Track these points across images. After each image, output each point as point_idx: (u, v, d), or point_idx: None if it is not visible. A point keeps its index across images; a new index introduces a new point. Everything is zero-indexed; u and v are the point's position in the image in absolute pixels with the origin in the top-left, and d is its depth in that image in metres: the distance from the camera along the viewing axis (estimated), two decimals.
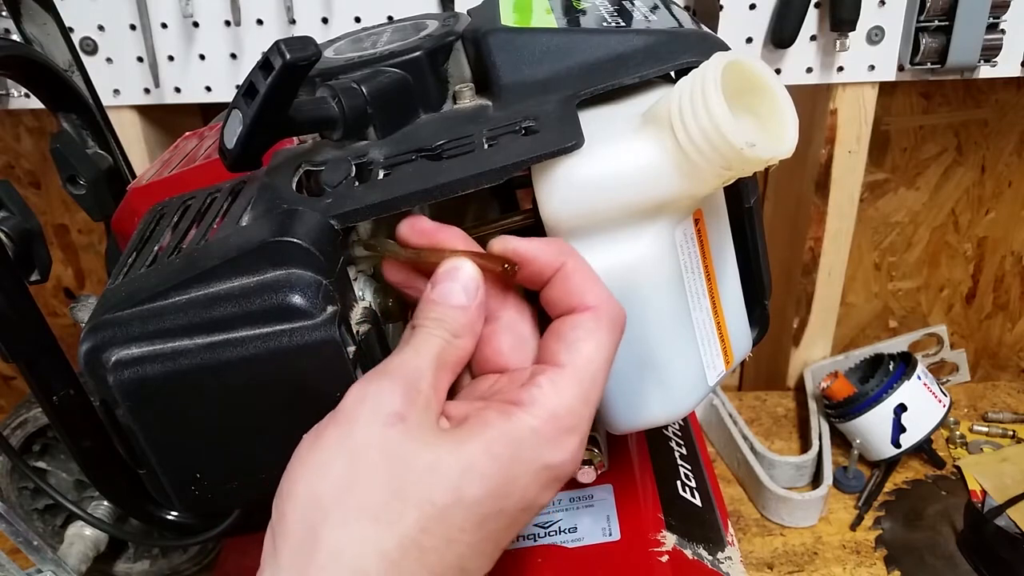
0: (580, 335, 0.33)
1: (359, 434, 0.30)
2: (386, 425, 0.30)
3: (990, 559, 0.68)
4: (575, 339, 0.33)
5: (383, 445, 0.30)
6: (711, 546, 0.57)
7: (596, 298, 0.34)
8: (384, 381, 0.31)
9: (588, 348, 0.33)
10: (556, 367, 0.33)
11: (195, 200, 0.43)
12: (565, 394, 0.32)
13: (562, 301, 0.34)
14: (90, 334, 0.34)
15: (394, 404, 0.30)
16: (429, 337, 0.33)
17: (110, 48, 0.79)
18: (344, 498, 0.29)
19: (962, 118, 0.91)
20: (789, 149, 0.34)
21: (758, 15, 0.77)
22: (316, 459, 0.30)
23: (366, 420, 0.30)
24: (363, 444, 0.30)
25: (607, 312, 0.34)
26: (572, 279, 0.34)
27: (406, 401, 0.30)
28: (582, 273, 0.34)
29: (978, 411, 0.91)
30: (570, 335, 0.33)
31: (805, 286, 0.92)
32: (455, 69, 0.44)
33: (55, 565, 0.53)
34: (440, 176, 0.36)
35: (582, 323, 0.33)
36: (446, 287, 0.34)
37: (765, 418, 0.92)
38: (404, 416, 0.30)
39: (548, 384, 0.32)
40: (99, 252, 0.99)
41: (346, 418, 0.31)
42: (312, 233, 0.34)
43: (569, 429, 0.32)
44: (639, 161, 0.36)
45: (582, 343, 0.33)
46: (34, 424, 0.61)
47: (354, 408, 0.31)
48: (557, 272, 0.34)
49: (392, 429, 0.30)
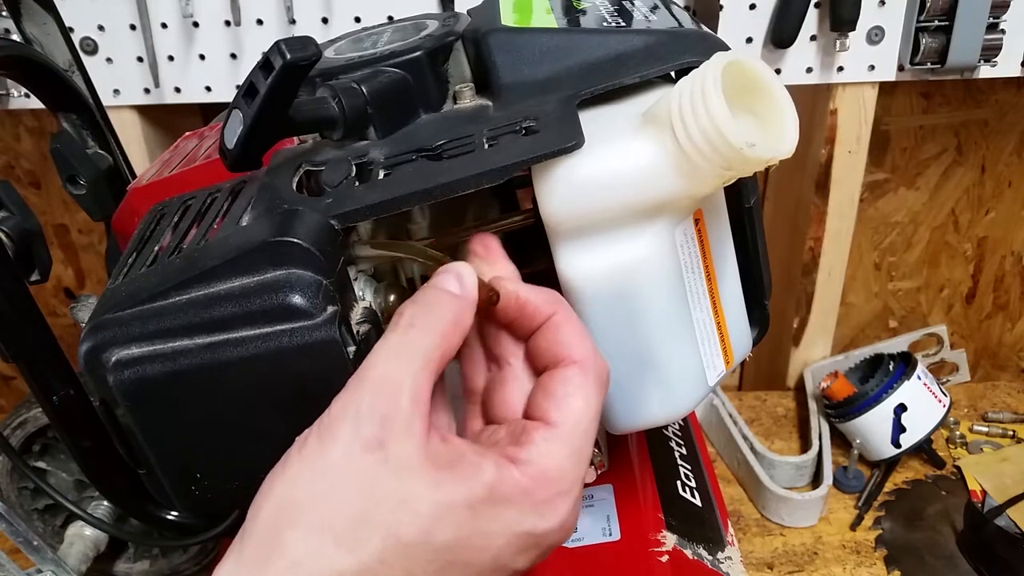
0: (569, 391, 0.33)
1: (337, 452, 0.29)
2: (364, 450, 0.29)
3: (990, 559, 0.68)
4: (564, 395, 0.33)
5: (359, 469, 0.29)
6: (711, 546, 0.57)
7: (583, 352, 0.34)
8: (365, 395, 0.30)
9: (578, 405, 0.33)
10: (548, 425, 0.32)
11: (195, 200, 0.43)
12: (558, 455, 0.31)
13: (549, 351, 0.34)
14: (90, 334, 0.34)
15: (373, 427, 0.29)
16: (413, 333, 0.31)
17: (110, 48, 0.79)
18: (314, 511, 0.29)
19: (962, 118, 0.91)
20: (789, 149, 0.34)
21: (758, 15, 0.77)
22: (296, 466, 0.30)
23: (346, 440, 0.29)
24: (340, 464, 0.29)
25: (593, 367, 0.34)
26: (562, 330, 0.34)
27: (385, 425, 0.29)
28: (571, 325, 0.34)
29: (978, 411, 0.91)
30: (559, 391, 0.33)
31: (805, 286, 0.92)
32: (455, 69, 0.44)
33: (55, 565, 0.53)
34: (440, 176, 0.36)
35: (570, 378, 0.33)
36: (440, 277, 0.34)
37: (765, 418, 0.92)
38: (383, 442, 0.29)
39: (543, 443, 0.31)
40: (99, 252, 0.99)
41: (328, 433, 0.30)
42: (312, 233, 0.34)
43: (562, 493, 0.31)
44: (639, 161, 0.36)
45: (571, 399, 0.33)
46: (34, 424, 0.61)
47: (336, 424, 0.30)
48: (547, 321, 0.34)
49: (370, 456, 0.29)
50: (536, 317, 0.34)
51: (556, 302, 0.35)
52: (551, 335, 0.34)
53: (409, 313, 0.32)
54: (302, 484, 0.30)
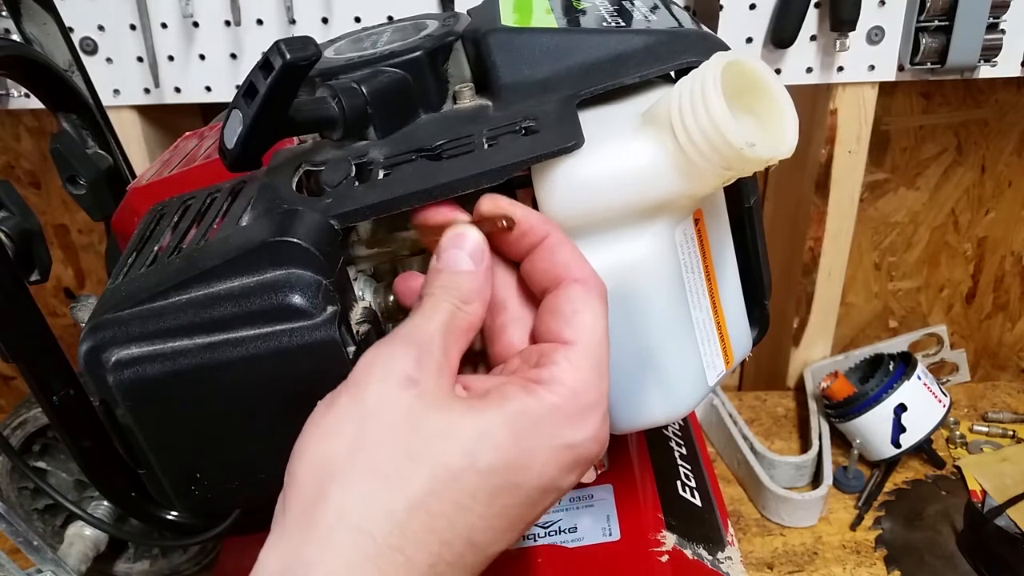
0: (577, 307, 0.33)
1: (371, 396, 0.29)
2: (399, 388, 0.29)
3: (990, 559, 0.68)
4: (574, 312, 0.33)
5: (395, 407, 0.29)
6: (711, 546, 0.57)
7: (582, 270, 0.34)
8: (396, 345, 0.31)
9: (589, 320, 0.33)
10: (566, 344, 0.32)
11: (195, 200, 0.43)
12: (582, 369, 0.32)
13: (548, 272, 0.34)
14: (90, 334, 0.34)
15: (406, 368, 0.30)
16: (438, 304, 0.32)
17: (110, 48, 0.79)
18: (354, 459, 0.29)
19: (962, 118, 0.91)
20: (789, 149, 0.34)
21: (758, 15, 0.77)
22: (328, 421, 0.30)
23: (378, 383, 0.30)
24: (375, 406, 0.29)
25: (595, 284, 0.34)
26: (560, 251, 0.34)
27: (418, 365, 0.30)
28: (568, 245, 0.34)
29: (978, 411, 0.91)
30: (567, 309, 0.33)
31: (805, 286, 0.92)
32: (455, 69, 0.44)
33: (55, 565, 0.53)
34: (440, 176, 0.36)
35: (576, 296, 0.33)
36: (452, 254, 0.34)
37: (765, 418, 0.92)
38: (416, 380, 0.30)
39: (564, 361, 0.32)
40: (99, 252, 0.99)
41: (356, 382, 0.30)
42: (312, 233, 0.34)
43: (591, 405, 0.32)
44: (639, 161, 0.36)
45: (581, 315, 0.33)
46: (34, 424, 0.61)
47: (365, 372, 0.30)
48: (543, 242, 0.34)
49: (404, 392, 0.29)
50: (532, 236, 0.34)
51: (548, 222, 0.35)
52: (549, 255, 0.34)
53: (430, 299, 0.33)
54: (338, 436, 0.29)
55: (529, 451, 0.30)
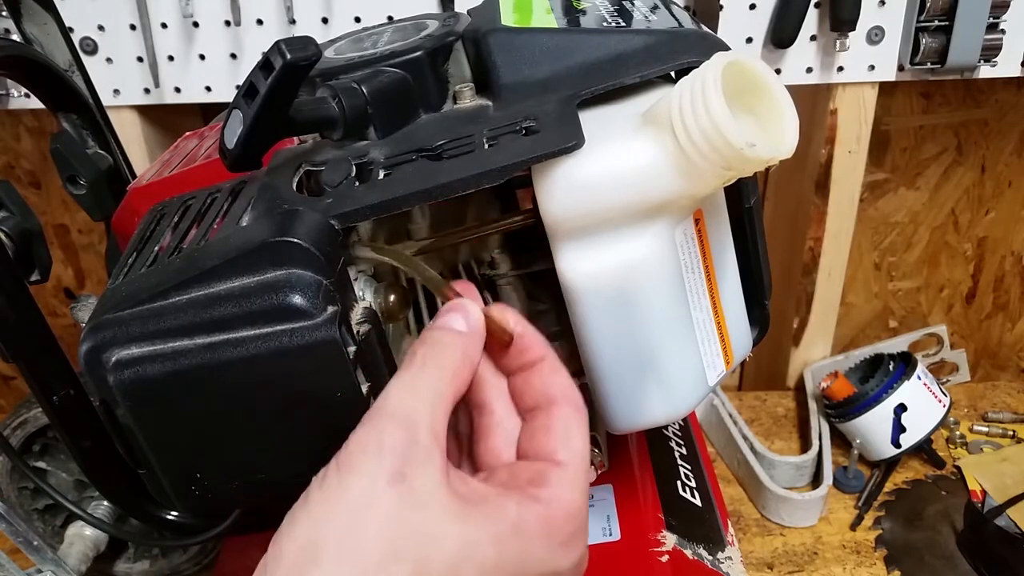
0: (571, 432, 0.33)
1: (361, 487, 0.29)
2: (389, 483, 0.29)
3: (990, 559, 0.68)
4: (568, 436, 0.33)
5: (384, 503, 0.29)
6: (711, 546, 0.57)
7: (575, 394, 0.34)
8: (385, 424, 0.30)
9: (580, 444, 0.33)
10: (559, 465, 0.33)
11: (195, 200, 0.43)
12: (572, 492, 0.32)
13: (542, 391, 0.34)
14: (90, 334, 0.34)
15: (394, 463, 0.29)
16: (426, 371, 0.32)
17: (110, 48, 0.79)
18: (340, 547, 0.28)
19: (962, 118, 0.91)
20: (789, 149, 0.34)
21: (758, 15, 0.77)
22: (319, 507, 0.30)
23: (369, 473, 0.29)
24: (365, 498, 0.29)
25: (582, 408, 0.34)
26: (559, 374, 0.34)
27: (406, 459, 0.30)
28: (564, 370, 0.35)
29: (978, 411, 0.91)
30: (562, 431, 0.33)
31: (805, 286, 0.92)
32: (455, 69, 0.44)
33: (55, 565, 0.53)
34: (440, 176, 0.36)
35: (570, 419, 0.34)
36: (450, 317, 0.34)
37: (765, 418, 0.92)
38: (405, 475, 0.29)
39: (557, 483, 0.32)
40: (99, 252, 0.99)
41: (349, 469, 0.30)
42: (312, 233, 0.34)
43: (580, 530, 0.32)
44: (639, 161, 0.36)
45: (574, 440, 0.33)
46: (34, 424, 0.61)
47: (357, 459, 0.30)
48: (538, 364, 0.34)
49: (394, 489, 0.29)
50: (529, 355, 0.35)
51: (545, 343, 0.35)
52: (547, 377, 0.34)
53: (421, 352, 0.33)
54: (326, 521, 0.29)
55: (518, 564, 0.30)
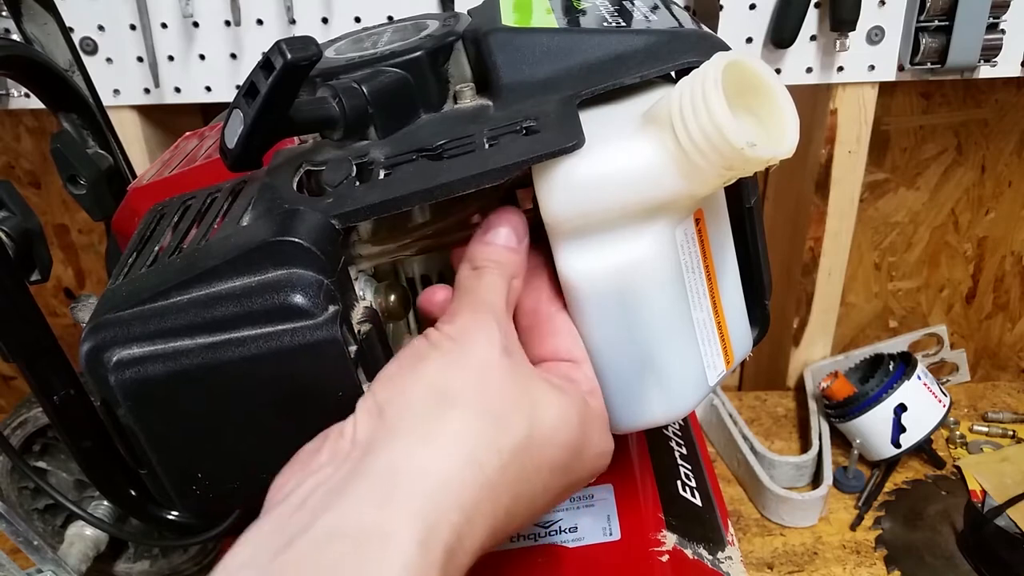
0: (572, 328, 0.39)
1: (481, 355, 0.33)
2: (502, 355, 0.33)
3: (990, 559, 0.68)
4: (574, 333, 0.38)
5: (502, 369, 0.33)
6: (711, 546, 0.57)
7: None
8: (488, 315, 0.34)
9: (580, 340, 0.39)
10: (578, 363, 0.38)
11: (195, 200, 0.43)
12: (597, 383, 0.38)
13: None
14: (91, 334, 0.34)
15: (502, 339, 0.33)
16: (495, 279, 0.36)
17: (110, 48, 0.79)
18: (473, 396, 0.31)
19: (962, 118, 0.91)
20: (790, 149, 0.34)
21: (758, 15, 0.77)
22: (442, 359, 0.32)
23: (486, 345, 0.33)
24: (487, 363, 0.33)
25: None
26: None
27: (508, 339, 0.34)
28: None
29: (978, 411, 0.91)
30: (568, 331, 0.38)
31: (805, 286, 0.92)
32: (456, 69, 0.44)
33: (55, 565, 0.53)
34: (441, 176, 0.36)
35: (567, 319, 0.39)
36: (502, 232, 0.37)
37: (765, 418, 0.92)
38: (511, 351, 0.34)
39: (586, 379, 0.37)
40: (99, 252, 0.99)
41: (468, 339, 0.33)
42: (313, 233, 0.34)
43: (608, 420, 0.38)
44: (640, 161, 0.36)
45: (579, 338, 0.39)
46: (34, 424, 0.61)
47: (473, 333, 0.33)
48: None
49: (507, 359, 0.33)
50: None
51: None
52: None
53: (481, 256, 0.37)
54: (455, 376, 0.32)
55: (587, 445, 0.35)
